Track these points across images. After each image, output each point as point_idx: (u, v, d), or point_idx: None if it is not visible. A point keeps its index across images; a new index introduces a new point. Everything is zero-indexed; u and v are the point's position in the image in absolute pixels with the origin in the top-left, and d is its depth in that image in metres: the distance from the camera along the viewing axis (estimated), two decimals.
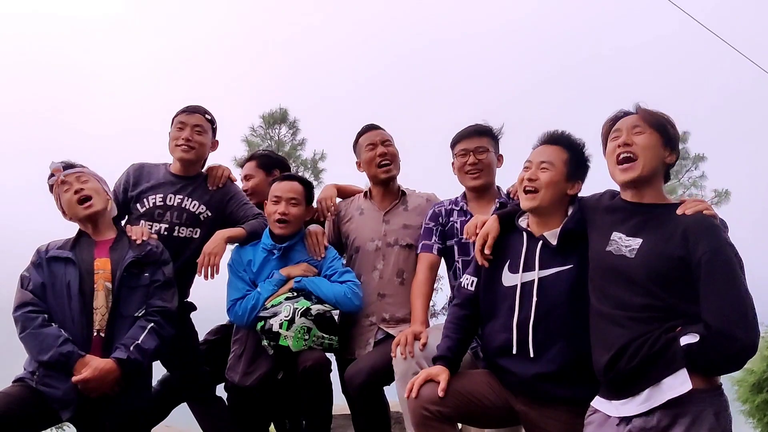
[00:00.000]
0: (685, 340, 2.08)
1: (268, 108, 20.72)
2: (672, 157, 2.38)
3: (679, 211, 2.23)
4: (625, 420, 2.17)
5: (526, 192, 2.57)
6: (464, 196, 3.31)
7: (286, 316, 2.98)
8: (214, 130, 3.45)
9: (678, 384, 2.07)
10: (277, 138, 20.52)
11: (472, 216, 3.11)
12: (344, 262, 3.51)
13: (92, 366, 2.67)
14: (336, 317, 3.10)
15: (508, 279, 2.60)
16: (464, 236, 2.95)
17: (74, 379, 2.65)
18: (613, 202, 2.44)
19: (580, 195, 2.62)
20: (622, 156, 2.34)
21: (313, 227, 3.37)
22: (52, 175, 2.97)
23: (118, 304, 2.84)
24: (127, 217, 3.34)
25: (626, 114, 2.42)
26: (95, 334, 2.79)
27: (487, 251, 2.65)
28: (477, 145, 3.19)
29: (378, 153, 3.41)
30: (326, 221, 3.58)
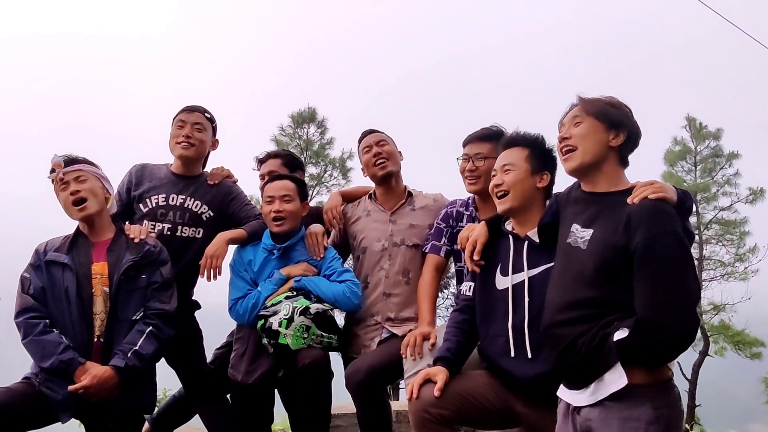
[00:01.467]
0: (617, 336, 2.06)
1: (297, 107, 20.87)
2: (619, 138, 2.30)
3: (628, 199, 2.17)
4: (576, 409, 2.18)
5: (498, 197, 2.64)
6: (474, 200, 3.31)
7: (285, 315, 3.01)
8: (214, 129, 3.48)
9: (616, 379, 2.06)
10: (305, 137, 20.64)
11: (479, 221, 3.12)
12: (348, 262, 3.54)
13: (91, 374, 2.70)
14: (335, 316, 3.11)
15: (501, 282, 2.63)
16: (458, 245, 2.94)
17: (73, 387, 2.69)
18: (576, 194, 2.43)
19: (555, 190, 2.65)
20: (563, 149, 2.36)
21: (313, 227, 3.39)
22: (53, 170, 2.95)
23: (116, 308, 2.85)
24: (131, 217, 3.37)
25: (572, 106, 2.42)
26: (95, 339, 2.81)
27: (476, 257, 2.69)
28: (477, 151, 3.20)
29: (373, 154, 3.47)
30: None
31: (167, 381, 3.62)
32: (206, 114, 3.43)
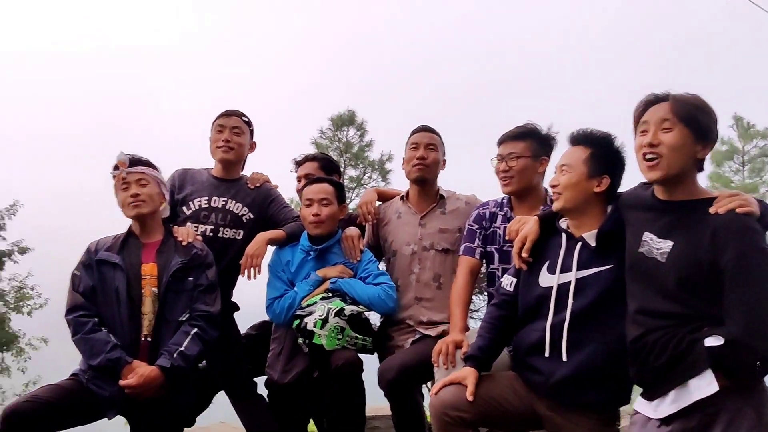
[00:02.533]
0: (709, 342, 2.00)
1: (336, 110, 21.04)
2: (705, 150, 2.18)
3: (711, 210, 2.08)
4: (665, 421, 2.11)
5: (553, 196, 2.57)
6: (508, 200, 3.22)
7: (320, 316, 3.04)
8: (251, 132, 3.56)
9: (705, 385, 2.00)
10: (345, 140, 20.78)
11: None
12: (383, 265, 3.55)
13: (138, 373, 2.76)
14: (371, 319, 3.14)
15: (546, 280, 2.55)
16: (506, 236, 2.91)
17: (123, 382, 2.75)
18: (645, 199, 2.33)
19: (620, 191, 2.53)
20: (647, 155, 2.20)
21: (350, 230, 3.42)
22: (116, 167, 3.02)
23: (164, 308, 2.91)
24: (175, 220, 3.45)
25: (657, 100, 2.24)
26: (143, 339, 2.87)
27: (524, 254, 2.61)
28: (510, 150, 3.09)
29: (417, 155, 3.42)
30: (367, 225, 3.62)
31: None
32: (243, 117, 3.51)
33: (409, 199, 3.54)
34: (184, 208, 3.42)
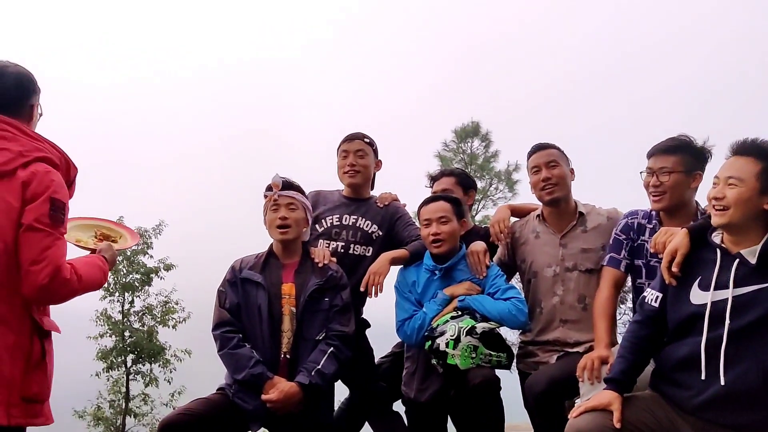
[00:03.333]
0: None
1: (460, 122, 20.93)
2: None
3: None
4: None
5: (716, 210, 2.38)
6: (657, 213, 3.08)
7: (452, 336, 3.01)
8: (375, 151, 3.67)
9: None
10: (469, 151, 20.60)
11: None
12: (519, 285, 3.50)
13: (279, 388, 2.90)
14: (506, 335, 3.12)
15: (698, 297, 2.41)
16: (650, 248, 2.78)
17: (265, 397, 2.89)
18: None
19: None
20: None
21: (475, 245, 3.37)
22: (269, 188, 3.20)
23: (301, 327, 3.04)
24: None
25: None
26: (282, 356, 3.01)
27: (674, 269, 2.47)
28: (662, 165, 2.95)
29: (542, 177, 3.34)
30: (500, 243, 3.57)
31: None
32: (365, 139, 3.62)
33: (546, 219, 3.46)
34: (317, 226, 3.57)
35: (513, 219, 3.66)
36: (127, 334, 17.78)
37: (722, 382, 2.28)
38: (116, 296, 18.21)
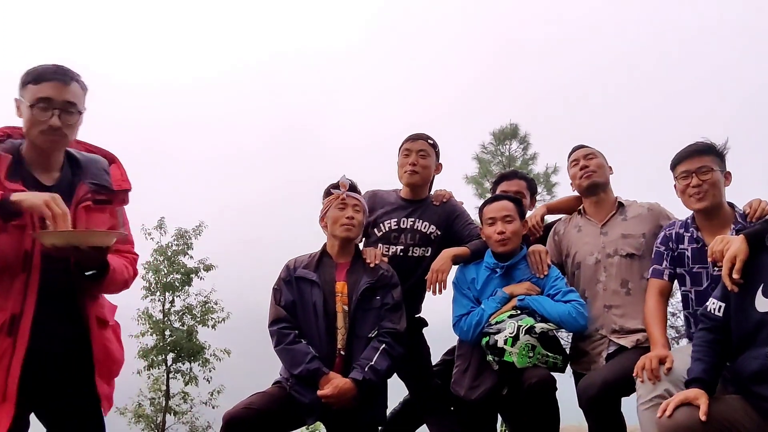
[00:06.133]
0: None
1: (496, 123, 20.81)
2: None
3: None
4: None
5: None
6: (693, 219, 3.10)
7: (510, 333, 3.02)
8: (437, 154, 3.67)
9: None
10: (507, 153, 20.47)
11: (703, 243, 2.97)
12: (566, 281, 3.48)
13: (334, 384, 2.94)
14: (561, 336, 3.11)
15: (763, 304, 2.38)
16: (708, 258, 2.72)
17: (321, 393, 2.93)
18: None
19: None
20: None
21: (536, 246, 3.40)
22: (336, 186, 3.27)
23: (354, 325, 3.09)
24: (364, 240, 3.61)
25: None
26: (337, 352, 3.06)
27: (735, 276, 2.44)
28: (699, 165, 2.99)
29: (580, 167, 3.48)
30: (548, 242, 3.63)
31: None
32: (429, 140, 3.62)
33: (587, 211, 3.55)
34: (375, 230, 3.59)
35: (549, 218, 3.81)
36: (167, 333, 18.09)
37: None
38: (157, 295, 18.57)
